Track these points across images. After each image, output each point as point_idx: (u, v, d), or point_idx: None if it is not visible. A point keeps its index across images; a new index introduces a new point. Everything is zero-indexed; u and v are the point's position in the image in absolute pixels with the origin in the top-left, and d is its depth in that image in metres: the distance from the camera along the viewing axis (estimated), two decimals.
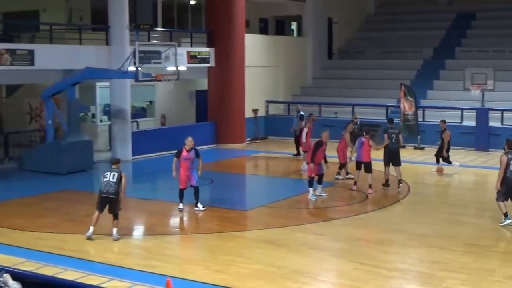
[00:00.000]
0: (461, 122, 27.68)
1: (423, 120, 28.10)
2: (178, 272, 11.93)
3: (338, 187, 19.80)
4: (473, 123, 27.25)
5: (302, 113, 25.16)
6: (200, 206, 16.60)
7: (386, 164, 19.44)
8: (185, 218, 16.75)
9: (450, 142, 21.91)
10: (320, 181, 18.12)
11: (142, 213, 17.19)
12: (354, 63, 35.93)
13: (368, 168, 18.86)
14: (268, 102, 32.11)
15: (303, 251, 13.31)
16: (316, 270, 12.23)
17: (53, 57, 22.29)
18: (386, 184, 19.32)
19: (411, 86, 29.16)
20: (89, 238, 14.04)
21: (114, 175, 13.99)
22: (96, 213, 14.12)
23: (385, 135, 19.74)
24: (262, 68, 32.02)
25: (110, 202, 14.04)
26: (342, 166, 20.54)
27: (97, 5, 27.86)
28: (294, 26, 40.91)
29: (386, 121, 28.92)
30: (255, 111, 30.39)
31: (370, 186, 18.70)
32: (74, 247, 13.62)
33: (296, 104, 32.22)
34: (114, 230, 14.09)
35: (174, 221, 16.57)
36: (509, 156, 14.82)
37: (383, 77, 33.47)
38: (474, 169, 23.16)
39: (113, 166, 14.30)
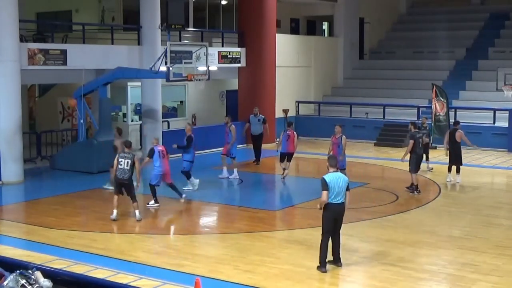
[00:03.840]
0: (494, 123, 27.39)
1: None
2: (207, 271, 11.96)
3: (367, 188, 19.69)
4: (505, 124, 26.93)
5: (263, 116, 24.24)
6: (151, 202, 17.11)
7: (415, 171, 18.86)
8: (214, 218, 16.83)
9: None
10: None
11: (171, 212, 17.27)
12: (386, 64, 35.75)
13: (290, 158, 20.84)
14: (298, 102, 32.08)
15: None
16: (345, 271, 12.16)
17: (85, 57, 22.49)
18: (416, 189, 18.84)
19: (443, 86, 28.93)
20: (114, 220, 15.44)
21: (128, 162, 15.41)
22: (116, 197, 15.57)
23: (412, 141, 18.87)
24: (293, 68, 32.00)
25: (125, 186, 15.58)
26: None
27: (129, 6, 28.05)
28: (325, 26, 40.78)
29: (417, 122, 28.87)
30: (285, 111, 30.34)
31: (285, 169, 20.76)
32: (104, 245, 13.72)
33: (329, 105, 32.30)
34: (137, 212, 15.56)
35: (204, 220, 16.63)
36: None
37: (415, 78, 33.27)
38: (507, 170, 22.91)
39: (126, 150, 15.69)
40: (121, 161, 15.43)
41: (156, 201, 17.02)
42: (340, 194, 11.80)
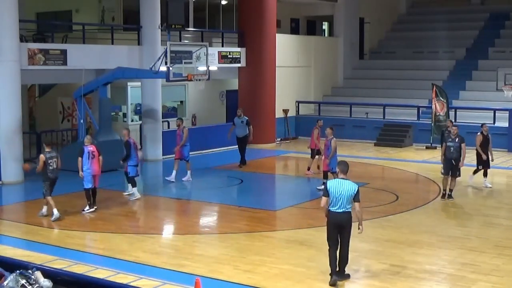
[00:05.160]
0: (494, 123, 27.34)
1: (455, 121, 27.78)
2: (207, 271, 11.95)
3: (367, 188, 19.67)
4: (506, 124, 26.94)
5: (246, 118, 23.66)
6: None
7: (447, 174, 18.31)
8: (214, 218, 16.82)
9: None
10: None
11: (171, 212, 17.27)
12: (386, 64, 35.74)
13: (318, 153, 21.44)
14: (298, 102, 32.07)
15: None
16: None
17: (85, 57, 22.48)
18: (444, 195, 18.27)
19: (443, 86, 28.96)
20: (44, 216, 15.90)
21: (55, 161, 15.88)
22: (50, 197, 15.85)
23: (464, 144, 18.13)
24: (293, 68, 31.98)
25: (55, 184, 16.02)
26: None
27: (129, 6, 28.03)
28: (325, 26, 40.78)
29: (417, 122, 28.91)
30: (285, 111, 30.36)
31: (309, 169, 21.75)
32: (103, 245, 13.73)
33: (329, 105, 32.30)
34: (55, 210, 15.74)
35: (204, 220, 16.62)
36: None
37: (414, 78, 33.27)
38: (507, 170, 22.90)
39: (47, 149, 15.99)
40: (51, 162, 15.78)
41: (91, 206, 16.48)
42: (338, 202, 11.33)
